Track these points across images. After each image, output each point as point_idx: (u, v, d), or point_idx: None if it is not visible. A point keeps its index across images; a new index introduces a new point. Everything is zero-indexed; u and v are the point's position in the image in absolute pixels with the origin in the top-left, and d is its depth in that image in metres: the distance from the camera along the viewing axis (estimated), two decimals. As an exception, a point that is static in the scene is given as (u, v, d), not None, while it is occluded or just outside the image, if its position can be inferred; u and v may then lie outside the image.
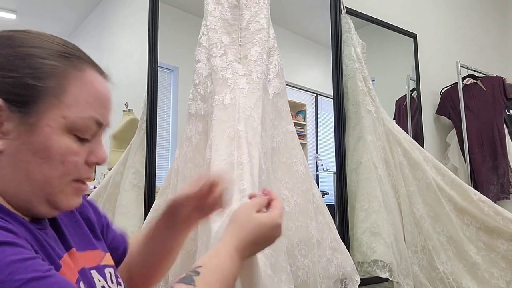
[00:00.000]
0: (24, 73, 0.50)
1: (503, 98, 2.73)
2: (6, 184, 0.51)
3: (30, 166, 0.51)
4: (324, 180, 2.33)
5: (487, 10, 3.52)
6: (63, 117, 0.52)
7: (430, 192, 1.89)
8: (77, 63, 0.55)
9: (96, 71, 0.57)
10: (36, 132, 0.50)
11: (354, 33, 2.10)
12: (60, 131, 0.52)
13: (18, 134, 0.50)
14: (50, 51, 0.53)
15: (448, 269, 1.77)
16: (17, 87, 0.50)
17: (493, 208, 1.87)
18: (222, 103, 1.29)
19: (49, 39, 0.55)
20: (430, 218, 1.86)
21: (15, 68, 0.50)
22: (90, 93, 0.54)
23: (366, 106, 1.97)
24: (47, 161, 0.51)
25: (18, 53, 0.51)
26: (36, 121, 0.50)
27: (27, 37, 0.53)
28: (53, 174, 0.52)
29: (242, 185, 1.06)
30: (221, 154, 1.16)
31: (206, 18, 1.45)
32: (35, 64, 0.51)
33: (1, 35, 0.53)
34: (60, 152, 0.52)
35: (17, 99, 0.50)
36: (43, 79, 0.51)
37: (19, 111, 0.50)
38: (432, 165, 1.96)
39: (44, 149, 0.51)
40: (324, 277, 1.34)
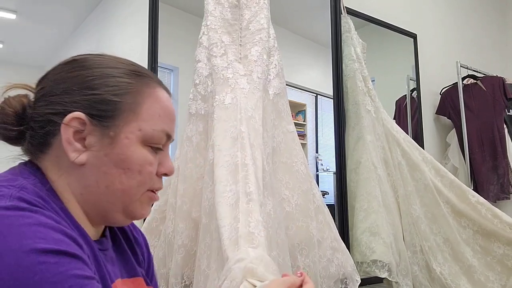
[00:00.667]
0: (104, 91, 0.55)
1: (503, 98, 2.73)
2: (89, 195, 0.55)
3: (111, 176, 0.55)
4: (324, 180, 2.33)
5: (487, 10, 3.53)
6: (139, 130, 0.56)
7: (427, 193, 1.89)
8: (148, 81, 0.60)
9: (163, 89, 0.62)
10: (117, 144, 0.55)
11: (354, 33, 2.10)
12: (137, 143, 0.56)
13: (100, 146, 0.55)
14: (125, 71, 0.59)
15: (446, 270, 1.77)
16: (99, 103, 0.55)
17: (491, 211, 1.85)
18: (223, 102, 1.29)
19: (121, 60, 0.61)
20: (427, 219, 1.86)
21: (95, 87, 0.55)
22: (161, 108, 0.59)
23: (366, 106, 1.97)
24: (127, 172, 0.55)
25: (97, 73, 0.56)
26: (116, 134, 0.55)
27: (101, 59, 0.59)
28: (131, 183, 0.56)
29: (248, 188, 1.05)
30: (225, 155, 1.15)
31: (207, 18, 1.45)
32: (113, 83, 0.56)
33: (77, 59, 0.58)
34: (139, 162, 0.56)
35: (98, 114, 0.55)
36: (121, 95, 0.56)
37: (100, 125, 0.55)
38: (431, 166, 1.95)
39: (124, 160, 0.55)
40: (324, 277, 1.34)
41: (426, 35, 2.81)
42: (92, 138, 0.54)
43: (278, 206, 1.26)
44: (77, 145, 0.54)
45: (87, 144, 0.54)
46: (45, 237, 0.44)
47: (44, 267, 0.42)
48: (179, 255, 1.24)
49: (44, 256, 0.42)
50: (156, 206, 1.40)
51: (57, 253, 0.44)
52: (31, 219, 0.45)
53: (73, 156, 0.54)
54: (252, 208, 1.00)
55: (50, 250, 0.43)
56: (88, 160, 0.54)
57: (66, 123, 0.53)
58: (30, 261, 0.42)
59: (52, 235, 0.45)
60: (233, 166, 1.12)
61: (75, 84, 0.55)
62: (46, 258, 0.42)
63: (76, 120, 0.54)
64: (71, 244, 0.46)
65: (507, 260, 1.82)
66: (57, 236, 0.45)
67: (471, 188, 2.64)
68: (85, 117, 0.54)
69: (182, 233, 1.26)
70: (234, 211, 1.01)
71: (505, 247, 1.82)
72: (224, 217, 1.00)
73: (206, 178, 1.22)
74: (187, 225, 1.26)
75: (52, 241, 0.44)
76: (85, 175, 0.55)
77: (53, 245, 0.44)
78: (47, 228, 0.45)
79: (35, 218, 0.45)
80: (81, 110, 0.54)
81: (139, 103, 0.57)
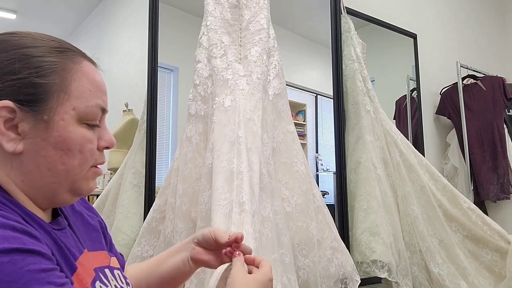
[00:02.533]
0: (27, 74, 0.52)
1: (503, 98, 2.73)
2: (31, 181, 0.54)
3: (52, 159, 0.53)
4: (324, 180, 2.33)
5: (487, 10, 3.52)
6: (73, 109, 0.54)
7: (423, 195, 1.89)
8: (72, 55, 0.57)
9: (89, 61, 0.59)
10: (53, 127, 0.53)
11: (354, 33, 2.10)
12: (73, 122, 0.54)
13: (36, 132, 0.52)
14: (46, 49, 0.55)
15: (444, 271, 1.77)
16: (25, 88, 0.52)
17: (481, 218, 1.89)
18: (222, 105, 1.29)
19: (40, 37, 0.56)
20: (424, 220, 1.86)
21: (17, 70, 0.52)
22: (90, 82, 0.57)
23: (365, 106, 1.97)
24: (67, 153, 0.54)
25: (16, 55, 0.53)
26: (49, 118, 0.53)
27: (18, 38, 0.55)
28: (74, 163, 0.55)
29: (242, 197, 1.07)
30: (222, 161, 1.16)
31: (206, 18, 1.45)
32: (36, 63, 0.53)
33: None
34: (78, 142, 0.55)
35: (27, 99, 0.52)
36: (47, 76, 0.53)
37: (32, 110, 0.52)
38: (425, 169, 1.96)
39: (62, 141, 0.53)
40: (324, 277, 1.34)
41: (426, 35, 2.80)
42: (25, 125, 0.52)
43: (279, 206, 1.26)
44: (11, 134, 0.52)
45: (21, 131, 0.52)
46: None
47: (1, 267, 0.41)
48: (178, 255, 1.24)
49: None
50: (156, 206, 1.40)
51: (9, 252, 0.43)
52: None
53: (9, 146, 0.51)
54: (244, 219, 1.02)
55: (2, 251, 0.42)
56: (25, 147, 0.52)
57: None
58: None
59: (2, 234, 0.44)
60: (229, 173, 1.13)
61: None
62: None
63: (4, 109, 0.51)
64: (23, 238, 0.45)
65: (494, 266, 1.84)
66: (7, 234, 0.44)
67: (471, 188, 2.64)
68: (13, 104, 0.51)
69: (182, 233, 1.26)
70: (227, 221, 1.03)
71: (493, 253, 1.85)
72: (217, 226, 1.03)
73: (203, 181, 1.22)
74: (186, 225, 1.26)
75: (3, 239, 0.43)
76: (24, 162, 0.53)
77: (4, 244, 0.43)
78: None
79: None
80: (7, 98, 0.51)
81: (67, 81, 0.54)
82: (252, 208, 1.06)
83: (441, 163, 2.85)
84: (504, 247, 1.83)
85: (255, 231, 1.03)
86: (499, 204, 2.69)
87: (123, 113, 1.80)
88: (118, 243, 1.49)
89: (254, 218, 1.06)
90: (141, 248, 1.38)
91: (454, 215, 1.89)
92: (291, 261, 1.19)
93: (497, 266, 1.83)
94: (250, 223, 1.02)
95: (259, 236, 1.08)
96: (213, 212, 1.08)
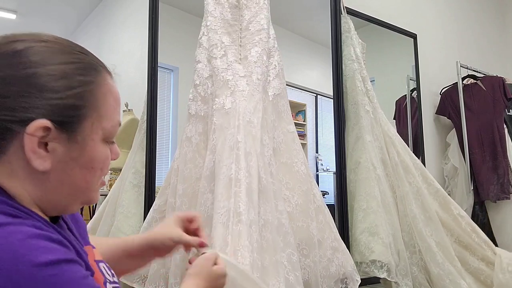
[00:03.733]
0: (67, 95, 0.51)
1: (503, 98, 2.73)
2: (49, 195, 0.53)
3: (76, 177, 0.54)
4: (324, 180, 2.32)
5: (487, 10, 3.52)
6: (102, 129, 0.55)
7: (419, 196, 1.90)
8: (102, 73, 0.56)
9: (108, 74, 0.58)
10: (85, 148, 0.53)
11: (354, 33, 2.10)
12: (99, 142, 0.55)
13: (66, 151, 0.52)
14: (81, 65, 0.54)
15: (445, 270, 1.77)
16: (65, 109, 0.51)
17: (470, 226, 1.91)
18: (223, 107, 1.29)
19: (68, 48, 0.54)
20: (421, 221, 1.86)
21: (56, 89, 0.50)
22: (114, 99, 0.57)
23: (365, 106, 1.97)
24: (91, 170, 0.55)
25: (53, 71, 0.51)
26: (83, 138, 0.53)
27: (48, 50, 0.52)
28: (94, 179, 0.56)
29: (239, 207, 1.08)
30: (222, 167, 1.17)
31: (206, 19, 1.45)
32: (76, 83, 0.52)
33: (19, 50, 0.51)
34: (101, 160, 0.56)
35: (65, 120, 0.51)
36: (86, 97, 0.53)
37: (67, 131, 0.51)
38: (419, 172, 1.97)
39: (90, 161, 0.54)
40: (325, 276, 1.34)
41: (426, 35, 2.80)
42: (56, 144, 0.51)
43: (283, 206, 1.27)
44: (41, 152, 0.50)
45: (50, 149, 0.50)
46: (36, 249, 0.43)
47: (44, 281, 0.42)
48: (178, 255, 1.24)
49: (42, 270, 0.42)
50: (156, 206, 1.40)
51: (52, 264, 0.43)
52: (19, 234, 0.44)
53: (38, 164, 0.50)
54: (241, 230, 1.04)
55: (45, 263, 0.43)
56: (52, 165, 0.51)
57: (31, 133, 0.48)
58: (30, 278, 0.41)
59: (42, 244, 0.44)
60: (227, 179, 1.14)
61: (31, 86, 0.49)
62: (44, 271, 0.42)
63: (41, 129, 0.49)
64: (61, 249, 0.46)
65: (480, 274, 1.86)
66: (48, 245, 0.45)
67: (471, 188, 2.64)
68: (51, 124, 0.49)
69: (182, 233, 1.26)
70: (225, 231, 1.05)
71: (479, 262, 1.87)
72: (216, 237, 1.05)
73: (204, 183, 1.22)
74: (187, 225, 1.26)
75: (46, 251, 0.44)
76: (48, 179, 0.52)
77: (47, 256, 0.43)
78: (36, 238, 0.44)
79: (21, 231, 0.44)
80: (45, 117, 0.49)
81: (100, 102, 0.54)
82: (249, 218, 1.07)
83: (441, 163, 2.85)
84: (491, 257, 1.86)
85: (252, 242, 1.04)
86: (499, 204, 2.68)
87: (123, 113, 1.80)
88: (118, 243, 1.49)
89: (252, 227, 1.07)
90: (141, 248, 1.38)
91: (444, 220, 1.91)
92: (297, 259, 1.20)
93: (482, 274, 1.85)
94: (246, 235, 1.04)
95: (260, 239, 1.09)
96: (213, 220, 1.10)
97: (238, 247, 1.01)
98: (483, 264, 1.86)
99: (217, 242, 1.04)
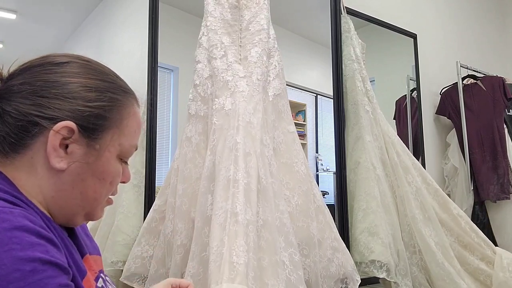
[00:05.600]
0: (98, 106, 0.57)
1: (503, 98, 2.73)
2: (61, 198, 0.56)
3: (87, 184, 0.57)
4: (324, 180, 2.32)
5: (487, 10, 3.52)
6: (119, 144, 0.60)
7: (419, 196, 1.90)
8: (131, 98, 0.63)
9: (136, 101, 0.65)
10: (100, 157, 0.58)
11: (353, 33, 2.10)
12: (114, 156, 0.60)
13: (84, 156, 0.56)
14: (116, 86, 0.61)
15: (445, 270, 1.77)
16: (92, 117, 0.56)
17: (470, 225, 1.90)
18: (223, 108, 1.29)
19: (108, 72, 0.62)
20: (421, 221, 1.86)
21: (91, 99, 0.57)
22: (137, 124, 0.63)
23: (365, 106, 1.97)
24: (101, 181, 0.59)
25: (93, 84, 0.58)
26: (101, 147, 0.58)
27: (92, 68, 0.60)
28: (102, 192, 0.60)
29: (235, 207, 1.08)
30: (221, 169, 1.18)
31: (206, 19, 1.45)
32: (107, 98, 0.58)
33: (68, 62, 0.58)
34: (112, 174, 0.60)
35: (90, 127, 0.56)
36: (112, 111, 0.59)
37: (89, 137, 0.56)
38: (418, 173, 1.97)
39: (102, 171, 0.58)
40: (325, 276, 1.34)
41: (426, 35, 2.80)
42: (75, 147, 0.55)
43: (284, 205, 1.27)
44: (61, 152, 0.55)
45: (69, 151, 0.55)
46: (20, 242, 0.44)
47: (19, 275, 0.42)
48: (178, 255, 1.24)
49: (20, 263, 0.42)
50: (156, 206, 1.40)
51: (32, 260, 0.43)
52: (6, 223, 0.44)
53: (55, 162, 0.54)
54: (237, 231, 1.05)
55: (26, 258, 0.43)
56: (68, 167, 0.55)
57: (57, 130, 0.54)
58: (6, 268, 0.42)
59: (28, 239, 0.45)
60: (226, 181, 1.14)
61: (66, 92, 0.55)
62: (22, 265, 0.42)
63: (66, 129, 0.54)
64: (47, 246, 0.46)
65: (479, 274, 1.85)
66: (32, 240, 0.45)
67: (471, 188, 2.64)
68: (76, 127, 0.55)
69: (181, 233, 1.26)
70: (222, 232, 1.06)
71: (479, 261, 1.86)
72: (213, 238, 1.06)
73: (204, 183, 1.22)
74: (186, 225, 1.27)
75: (28, 245, 0.44)
76: (62, 180, 0.55)
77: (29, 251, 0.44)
78: (22, 231, 0.45)
79: (11, 221, 0.45)
80: (73, 120, 0.55)
81: (124, 120, 0.60)
82: (246, 218, 1.08)
83: (441, 163, 2.85)
84: (491, 256, 1.86)
85: (248, 242, 1.05)
86: (499, 204, 2.68)
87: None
88: (118, 243, 1.49)
89: (249, 228, 1.07)
90: (141, 248, 1.38)
91: (443, 220, 1.91)
92: (299, 259, 1.20)
93: (482, 274, 1.85)
94: (243, 235, 1.04)
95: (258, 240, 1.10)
96: (212, 221, 1.10)
97: (233, 246, 1.02)
98: (482, 264, 1.86)
99: (214, 243, 1.05)
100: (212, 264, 1.01)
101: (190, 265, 1.14)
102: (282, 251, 1.14)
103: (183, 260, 1.24)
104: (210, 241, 1.07)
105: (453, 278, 1.75)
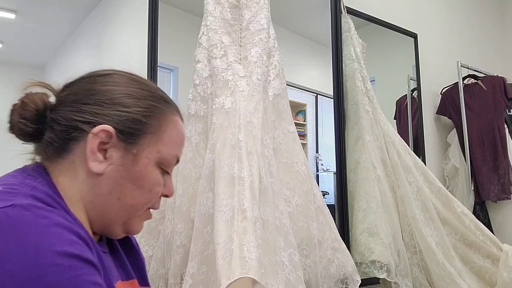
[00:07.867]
0: (136, 110, 0.59)
1: (504, 98, 2.72)
2: (99, 204, 0.57)
3: (124, 190, 0.58)
4: (324, 180, 2.32)
5: (487, 10, 3.52)
6: (158, 152, 0.61)
7: (420, 196, 1.89)
8: (172, 108, 0.65)
9: (178, 112, 0.67)
10: (137, 162, 0.59)
11: (354, 33, 2.09)
12: (153, 164, 0.60)
13: (121, 161, 0.58)
14: (156, 95, 0.63)
15: (445, 270, 1.77)
16: (130, 122, 0.58)
17: (474, 223, 1.88)
18: (223, 107, 1.29)
19: (150, 83, 0.65)
20: (422, 221, 1.86)
21: (129, 104, 0.59)
22: (178, 135, 0.65)
23: (365, 106, 1.96)
24: (139, 188, 0.59)
25: (132, 92, 0.60)
26: (138, 153, 0.59)
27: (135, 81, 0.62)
28: (140, 200, 0.60)
29: (243, 204, 1.07)
30: (223, 166, 1.17)
31: (206, 18, 1.45)
32: (146, 105, 0.60)
33: (111, 73, 0.62)
34: (151, 182, 0.60)
35: (127, 131, 0.58)
36: (150, 117, 0.60)
37: (126, 141, 0.58)
38: (420, 172, 1.96)
39: (140, 177, 0.59)
40: (325, 277, 1.34)
41: (426, 35, 2.80)
42: (114, 152, 0.57)
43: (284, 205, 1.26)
44: (99, 156, 0.56)
45: (108, 156, 0.57)
46: (60, 238, 0.45)
47: (57, 269, 0.43)
48: (178, 255, 1.24)
49: (59, 258, 0.44)
50: (156, 206, 1.40)
51: (70, 256, 0.45)
52: (47, 220, 0.46)
53: (93, 165, 0.56)
54: (246, 227, 1.03)
55: (64, 253, 0.44)
56: (106, 171, 0.56)
57: (95, 133, 0.56)
58: (45, 261, 0.43)
59: (67, 236, 0.46)
60: (230, 178, 1.13)
61: (107, 98, 0.58)
62: (60, 260, 0.44)
63: (104, 132, 0.56)
64: (84, 247, 0.47)
65: (485, 273, 1.83)
66: (72, 238, 0.47)
67: (472, 188, 2.64)
68: (114, 131, 0.57)
69: (181, 233, 1.25)
70: (229, 228, 1.04)
71: (484, 259, 1.84)
72: (219, 235, 1.04)
73: (203, 182, 1.22)
74: (186, 225, 1.26)
75: (67, 242, 0.45)
76: (100, 184, 0.57)
77: (68, 247, 0.45)
78: (62, 228, 0.46)
79: (51, 218, 0.47)
80: (111, 124, 0.57)
81: (163, 128, 0.61)
82: (253, 215, 1.07)
83: (442, 163, 2.84)
84: (496, 253, 1.84)
85: (257, 238, 1.04)
86: (500, 204, 2.68)
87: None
88: (118, 244, 1.48)
89: (256, 224, 1.06)
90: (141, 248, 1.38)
91: (447, 219, 1.89)
92: (299, 259, 1.20)
93: (487, 272, 1.83)
94: (252, 232, 1.03)
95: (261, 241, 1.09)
96: (215, 218, 1.09)
97: (243, 242, 1.00)
98: (488, 262, 1.84)
99: (220, 239, 1.03)
100: (220, 261, 0.99)
101: (190, 265, 1.14)
102: (281, 251, 1.14)
103: (183, 260, 1.23)
104: (215, 238, 1.05)
105: (453, 279, 1.75)
